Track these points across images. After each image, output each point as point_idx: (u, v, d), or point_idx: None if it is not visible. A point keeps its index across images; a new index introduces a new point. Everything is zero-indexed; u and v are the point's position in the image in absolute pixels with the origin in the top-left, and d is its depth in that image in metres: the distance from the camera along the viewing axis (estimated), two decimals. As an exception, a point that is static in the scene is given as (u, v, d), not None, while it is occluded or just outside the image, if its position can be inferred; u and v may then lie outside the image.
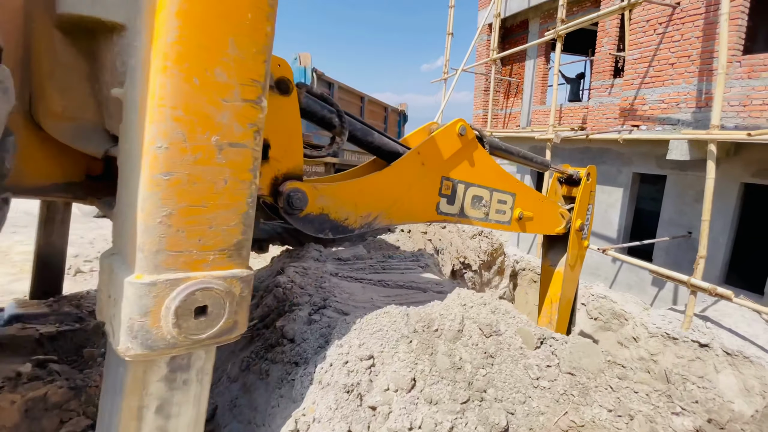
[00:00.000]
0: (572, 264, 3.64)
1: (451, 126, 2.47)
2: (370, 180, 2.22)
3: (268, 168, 1.94)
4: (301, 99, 2.13)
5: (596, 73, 8.40)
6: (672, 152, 6.06)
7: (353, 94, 5.52)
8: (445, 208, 2.51)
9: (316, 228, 2.11)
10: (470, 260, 6.08)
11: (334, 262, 2.64)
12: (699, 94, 6.06)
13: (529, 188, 3.09)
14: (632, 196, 8.23)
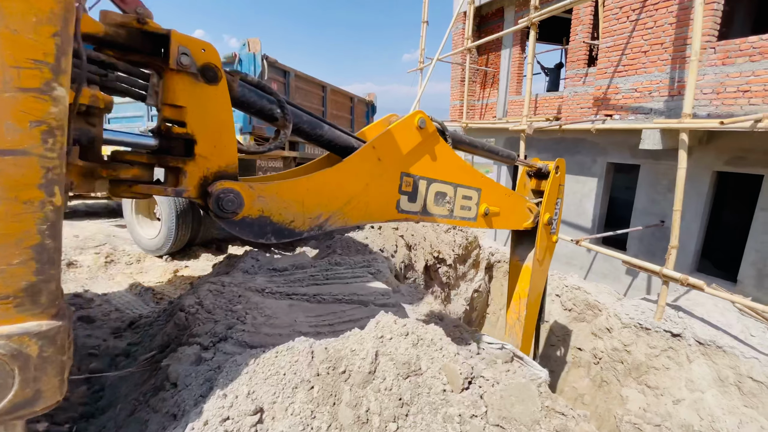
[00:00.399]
0: (540, 259, 3.52)
1: (409, 119, 2.26)
2: (320, 178, 1.97)
3: (194, 167, 1.66)
4: (235, 88, 1.84)
5: (571, 62, 8.29)
6: (644, 142, 5.99)
7: (313, 83, 5.15)
8: (407, 205, 2.31)
9: (256, 233, 1.85)
10: (444, 254, 5.90)
11: (267, 274, 2.33)
12: (672, 83, 6.00)
13: (495, 183, 2.94)
14: (606, 186, 8.22)
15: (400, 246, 4.72)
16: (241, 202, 1.72)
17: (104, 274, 3.71)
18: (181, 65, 1.48)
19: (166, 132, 1.55)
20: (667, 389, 5.08)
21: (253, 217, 1.80)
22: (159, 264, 4.07)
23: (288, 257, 2.61)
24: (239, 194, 1.71)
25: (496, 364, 1.95)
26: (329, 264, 2.39)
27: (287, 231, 1.90)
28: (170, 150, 1.59)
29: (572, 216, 8.75)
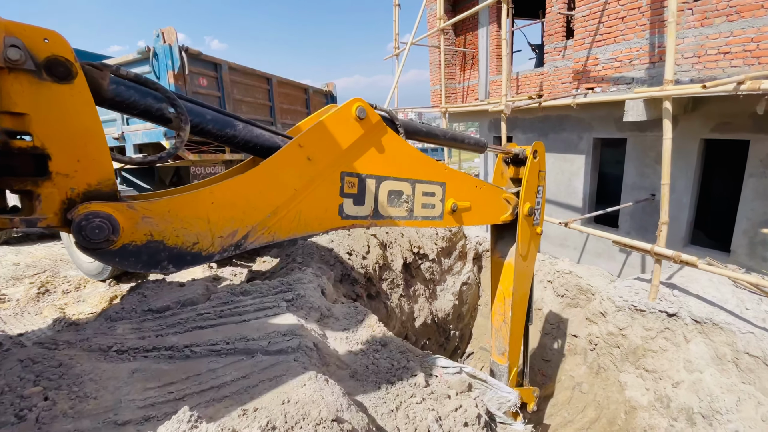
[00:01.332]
0: (524, 254, 3.21)
1: (344, 109, 1.95)
2: (230, 187, 1.65)
3: (52, 188, 1.33)
4: (105, 86, 1.52)
5: (548, 35, 7.93)
6: (628, 114, 5.68)
7: (254, 75, 4.72)
8: (352, 210, 2.02)
9: (146, 262, 1.53)
10: (426, 249, 5.63)
11: (139, 318, 1.90)
12: (652, 49, 5.67)
13: (463, 174, 2.62)
14: (595, 163, 7.93)
15: (373, 246, 4.45)
16: (114, 228, 1.41)
17: (33, 307, 3.43)
18: (10, 61, 1.17)
19: (3, 147, 1.24)
20: (666, 372, 4.86)
21: (138, 244, 1.48)
22: (100, 290, 3.76)
23: (179, 290, 2.29)
24: (110, 218, 1.41)
25: (448, 399, 1.67)
26: (232, 294, 2.06)
27: (190, 256, 1.61)
28: (14, 170, 1.29)
29: (562, 196, 8.47)
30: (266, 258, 4.16)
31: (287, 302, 1.86)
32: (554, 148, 8.38)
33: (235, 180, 1.66)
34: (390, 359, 1.71)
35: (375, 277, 4.25)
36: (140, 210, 1.49)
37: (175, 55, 3.57)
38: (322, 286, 2.09)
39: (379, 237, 4.77)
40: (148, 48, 3.64)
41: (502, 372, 3.49)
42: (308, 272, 2.20)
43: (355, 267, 3.91)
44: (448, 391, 1.68)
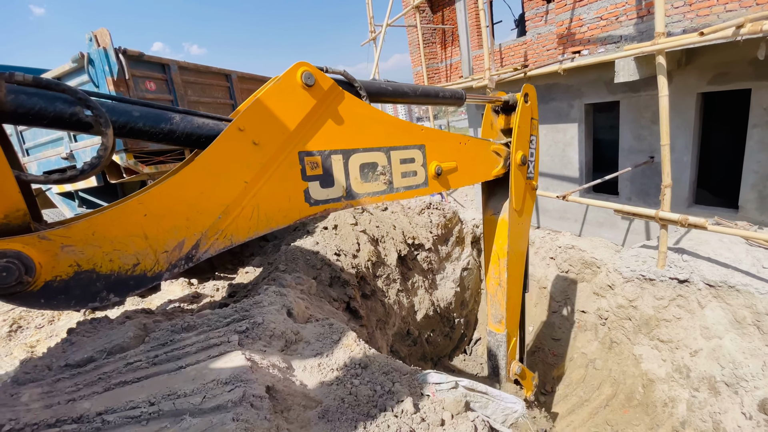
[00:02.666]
0: (518, 208, 2.91)
1: (287, 77, 1.63)
2: (162, 192, 1.38)
3: None
4: (2, 98, 1.26)
5: (528, 1, 7.55)
6: (619, 74, 5.37)
7: (209, 73, 4.36)
8: (321, 194, 1.76)
9: (80, 297, 1.28)
10: (421, 239, 5.38)
11: (55, 376, 1.53)
12: (639, 2, 5.33)
13: (443, 133, 2.32)
14: (588, 130, 7.62)
15: (363, 242, 4.19)
16: (27, 266, 1.17)
17: (4, 347, 3.17)
18: None
19: None
20: (682, 341, 4.65)
21: (64, 278, 1.23)
22: (75, 320, 3.53)
23: (108, 334, 1.99)
24: (20, 255, 1.16)
25: (442, 428, 1.42)
26: (172, 332, 1.77)
27: (133, 280, 1.35)
28: None
29: (557, 168, 8.19)
30: (248, 268, 3.91)
31: (240, 334, 1.58)
32: (544, 119, 8.07)
33: (167, 183, 1.39)
34: (372, 384, 1.45)
35: (368, 275, 4.00)
36: (57, 239, 1.23)
37: (111, 59, 3.22)
38: (288, 306, 1.83)
39: (369, 232, 4.51)
40: (81, 54, 3.27)
41: (499, 342, 3.22)
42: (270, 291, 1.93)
43: (345, 268, 3.66)
44: (443, 414, 1.44)
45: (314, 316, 1.94)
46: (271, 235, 5.50)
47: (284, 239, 5.02)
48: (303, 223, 5.01)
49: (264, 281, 2.94)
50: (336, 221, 4.57)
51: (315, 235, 4.01)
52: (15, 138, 4.46)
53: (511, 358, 3.30)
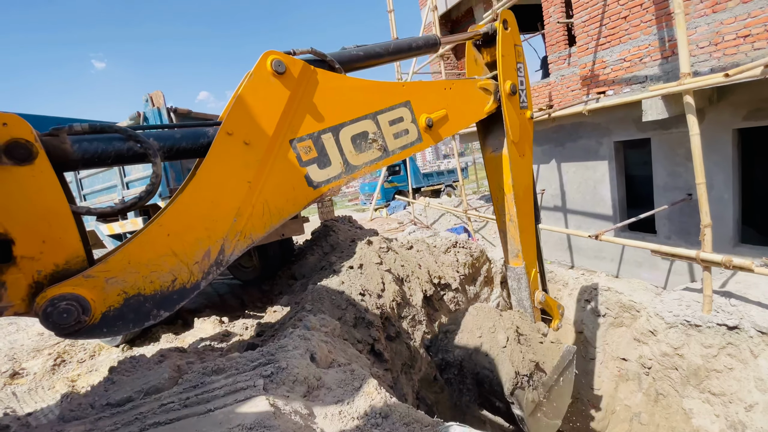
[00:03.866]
0: (516, 139, 2.82)
1: (258, 69, 1.64)
2: (177, 211, 1.49)
3: (17, 273, 1.26)
4: (69, 149, 1.46)
5: (550, 45, 7.77)
6: (647, 113, 5.34)
7: None
8: (320, 175, 1.80)
9: (135, 319, 1.40)
10: (448, 278, 5.33)
11: (97, 415, 1.61)
12: (662, 44, 5.37)
13: (426, 83, 2.32)
14: (619, 167, 7.48)
15: (388, 282, 4.21)
16: (83, 306, 1.31)
17: (48, 381, 3.37)
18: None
19: None
20: (736, 394, 4.24)
21: (117, 307, 1.36)
22: (114, 356, 3.70)
23: (145, 375, 2.09)
24: (76, 297, 1.30)
25: None
26: (203, 375, 1.83)
27: (176, 294, 1.46)
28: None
29: (589, 205, 8.01)
30: (276, 307, 4.01)
31: (265, 379, 1.63)
32: (573, 157, 8.02)
33: (179, 201, 1.49)
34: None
35: (393, 315, 3.99)
36: (100, 274, 1.38)
37: (164, 118, 3.62)
38: (312, 350, 1.87)
39: (395, 272, 4.54)
40: (138, 113, 3.72)
41: (519, 275, 3.12)
42: (295, 335, 1.99)
43: (369, 308, 3.68)
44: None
45: (337, 360, 1.96)
46: (300, 274, 5.63)
47: (311, 278, 5.13)
48: (330, 263, 5.13)
49: (290, 321, 3.02)
50: (362, 260, 4.65)
51: (341, 275, 4.09)
52: (74, 185, 4.95)
53: (534, 288, 3.23)
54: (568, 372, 3.21)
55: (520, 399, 2.78)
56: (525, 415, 2.80)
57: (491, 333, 2.96)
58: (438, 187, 22.20)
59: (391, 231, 10.67)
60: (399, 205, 16.43)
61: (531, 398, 2.83)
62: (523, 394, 2.80)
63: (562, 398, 3.16)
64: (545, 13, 7.75)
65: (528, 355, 2.88)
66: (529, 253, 3.15)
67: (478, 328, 3.05)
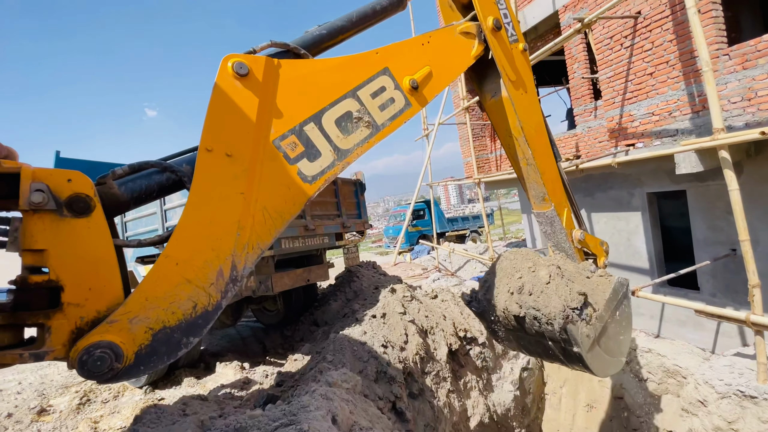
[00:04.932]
0: (515, 78, 2.58)
1: (221, 75, 1.56)
2: (179, 239, 1.49)
3: (62, 319, 1.33)
4: (118, 193, 1.57)
5: (576, 99, 7.89)
6: (680, 166, 5.22)
7: None
8: (313, 168, 1.71)
9: (167, 352, 1.41)
10: (474, 331, 5.13)
11: None
12: (691, 99, 5.36)
13: (399, 43, 2.13)
14: (654, 219, 7.22)
15: (411, 334, 4.09)
16: (115, 350, 1.33)
17: (72, 420, 3.37)
18: (34, 204, 1.25)
19: (21, 283, 1.27)
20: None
21: (147, 344, 1.38)
22: (136, 398, 3.67)
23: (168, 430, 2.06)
24: (108, 344, 1.32)
25: None
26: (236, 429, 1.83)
27: (201, 318, 1.45)
28: (29, 304, 1.30)
29: (623, 258, 7.68)
30: (297, 356, 3.94)
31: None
32: (604, 207, 7.83)
33: (179, 228, 1.49)
34: None
35: (416, 371, 3.83)
36: (122, 317, 1.40)
37: None
38: (333, 412, 1.81)
39: (418, 322, 4.41)
40: None
41: (551, 218, 2.82)
42: (317, 395, 1.94)
43: (391, 362, 3.57)
44: None
45: (358, 423, 1.88)
46: (322, 320, 5.58)
47: (334, 326, 5.06)
48: (353, 310, 5.07)
49: (311, 372, 2.96)
50: (385, 309, 4.57)
51: (363, 324, 4.02)
52: (119, 227, 5.25)
53: (569, 228, 2.93)
54: (625, 306, 2.89)
55: (574, 334, 2.54)
56: (583, 351, 2.54)
57: (532, 272, 2.75)
58: (463, 233, 21.99)
59: (415, 277, 10.52)
60: (423, 249, 16.30)
61: (586, 333, 2.58)
62: (576, 329, 2.55)
63: (621, 334, 2.87)
64: (569, 69, 7.96)
65: (575, 288, 2.64)
66: (556, 193, 2.88)
67: (517, 271, 2.84)
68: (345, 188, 6.10)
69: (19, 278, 1.30)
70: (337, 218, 5.87)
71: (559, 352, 2.73)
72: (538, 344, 2.85)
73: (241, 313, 5.91)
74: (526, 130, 2.66)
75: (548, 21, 8.40)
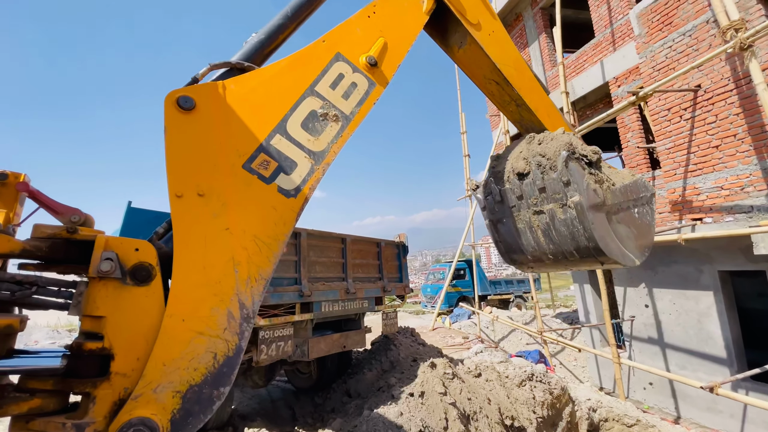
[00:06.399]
0: (476, 20, 2.39)
1: (168, 116, 1.47)
2: (178, 295, 1.41)
3: (107, 389, 1.29)
4: (168, 250, 1.58)
5: (630, 168, 7.59)
6: (758, 246, 4.72)
7: (330, 237, 5.11)
8: (292, 181, 1.62)
9: (201, 409, 1.35)
10: (522, 419, 4.60)
11: None
12: (766, 174, 4.95)
13: (345, 23, 1.97)
14: (729, 300, 6.46)
15: (452, 419, 3.71)
16: (149, 424, 1.27)
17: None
18: (102, 272, 1.28)
19: (76, 349, 1.26)
20: None
21: (179, 407, 1.32)
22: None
23: None
24: (140, 419, 1.26)
25: None
26: None
27: (225, 366, 1.39)
28: (79, 371, 1.28)
29: (694, 343, 6.83)
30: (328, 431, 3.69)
31: None
32: (668, 283, 7.15)
33: (174, 284, 1.41)
34: None
35: (457, 465, 3.42)
36: (145, 389, 1.33)
37: None
38: None
39: (460, 405, 4.02)
40: None
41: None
42: None
43: (430, 453, 3.22)
44: None
45: None
46: (355, 391, 5.28)
47: (368, 399, 4.75)
48: (388, 384, 4.75)
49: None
50: (423, 387, 4.24)
51: (400, 403, 3.72)
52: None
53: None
54: (647, 210, 2.58)
55: (576, 174, 2.21)
56: (584, 202, 2.20)
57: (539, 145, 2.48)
58: (507, 297, 20.81)
59: (454, 347, 9.91)
60: (463, 313, 15.53)
61: (592, 185, 2.26)
62: (580, 171, 2.23)
63: (638, 230, 2.49)
64: (623, 138, 7.77)
65: (588, 146, 2.34)
66: (555, 123, 2.71)
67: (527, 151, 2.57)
68: (387, 250, 6.05)
69: (75, 344, 1.29)
70: (378, 281, 5.77)
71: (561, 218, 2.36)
72: (541, 218, 2.47)
73: (274, 374, 5.76)
74: (505, 70, 2.51)
75: (598, 91, 8.41)
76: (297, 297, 4.44)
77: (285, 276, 4.42)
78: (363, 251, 5.53)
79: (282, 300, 4.26)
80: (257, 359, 4.13)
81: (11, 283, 1.19)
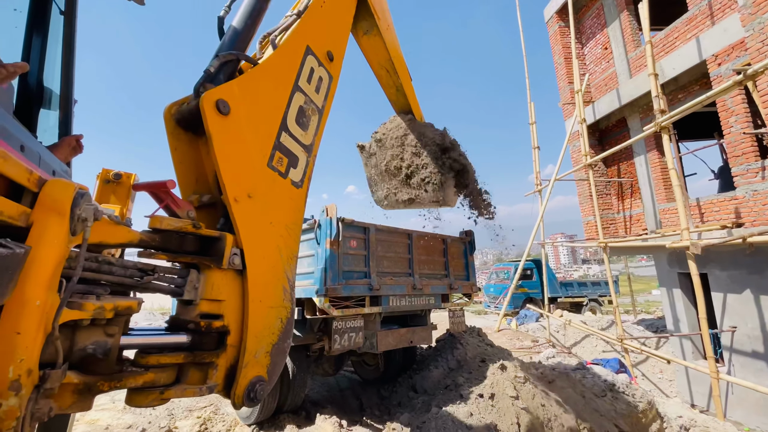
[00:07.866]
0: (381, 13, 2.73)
1: (212, 122, 1.47)
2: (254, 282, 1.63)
3: (225, 359, 1.51)
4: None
5: (734, 157, 6.66)
6: None
7: (396, 233, 5.11)
8: (298, 173, 1.83)
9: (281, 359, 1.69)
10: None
11: None
12: None
13: (305, 17, 1.95)
14: None
15: (524, 424, 3.53)
16: (262, 379, 1.59)
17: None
18: (233, 265, 1.50)
19: (206, 328, 1.46)
20: None
21: (269, 362, 1.61)
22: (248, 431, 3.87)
23: None
24: (258, 377, 1.56)
25: None
26: None
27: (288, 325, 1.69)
28: (202, 345, 1.48)
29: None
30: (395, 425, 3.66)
31: None
32: None
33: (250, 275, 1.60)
34: None
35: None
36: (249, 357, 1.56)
37: (333, 226, 4.28)
38: None
39: (533, 411, 3.82)
40: (315, 220, 4.48)
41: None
42: None
43: (502, 457, 3.10)
44: None
45: None
46: (421, 387, 5.28)
47: (435, 396, 4.72)
48: (456, 383, 4.69)
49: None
50: (493, 389, 4.10)
51: (469, 404, 3.63)
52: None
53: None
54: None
55: None
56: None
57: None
58: (579, 300, 19.37)
59: (523, 350, 9.47)
60: (530, 315, 14.78)
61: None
62: None
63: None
64: (724, 123, 6.83)
65: None
66: (418, 109, 3.38)
67: None
68: (454, 247, 5.95)
69: (201, 322, 1.45)
70: (444, 278, 5.70)
71: None
72: None
73: (342, 364, 5.96)
74: (395, 61, 2.97)
75: (692, 71, 7.48)
76: (367, 290, 4.57)
77: (355, 269, 4.57)
78: (429, 247, 5.49)
79: (353, 293, 4.42)
80: (330, 348, 4.32)
81: (135, 270, 1.34)
